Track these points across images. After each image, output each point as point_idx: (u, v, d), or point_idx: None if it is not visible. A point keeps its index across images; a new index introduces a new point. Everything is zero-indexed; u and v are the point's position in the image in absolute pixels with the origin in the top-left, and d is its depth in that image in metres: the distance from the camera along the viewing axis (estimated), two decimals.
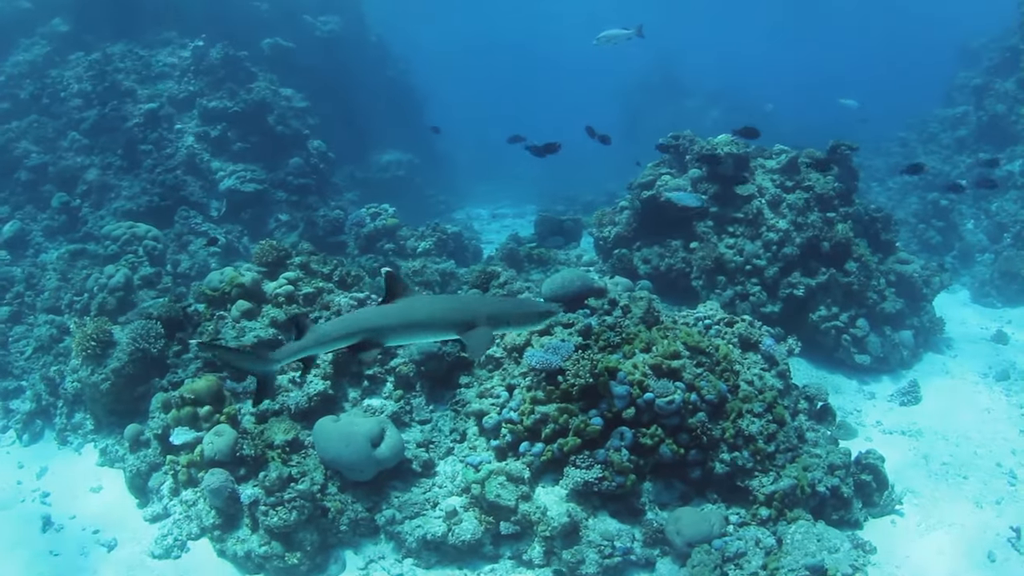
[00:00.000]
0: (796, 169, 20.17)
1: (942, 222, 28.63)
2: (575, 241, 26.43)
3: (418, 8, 75.02)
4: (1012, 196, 28.63)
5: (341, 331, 8.50)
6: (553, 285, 14.61)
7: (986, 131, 32.17)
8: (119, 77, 29.93)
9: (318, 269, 16.08)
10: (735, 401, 12.05)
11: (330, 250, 25.13)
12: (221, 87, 29.98)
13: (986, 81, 33.45)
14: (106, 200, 26.93)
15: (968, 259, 27.65)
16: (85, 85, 29.59)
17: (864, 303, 19.28)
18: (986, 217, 29.14)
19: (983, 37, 39.29)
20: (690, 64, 60.46)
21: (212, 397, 13.10)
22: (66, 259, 22.53)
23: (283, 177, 28.89)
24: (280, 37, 35.48)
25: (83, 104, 29.26)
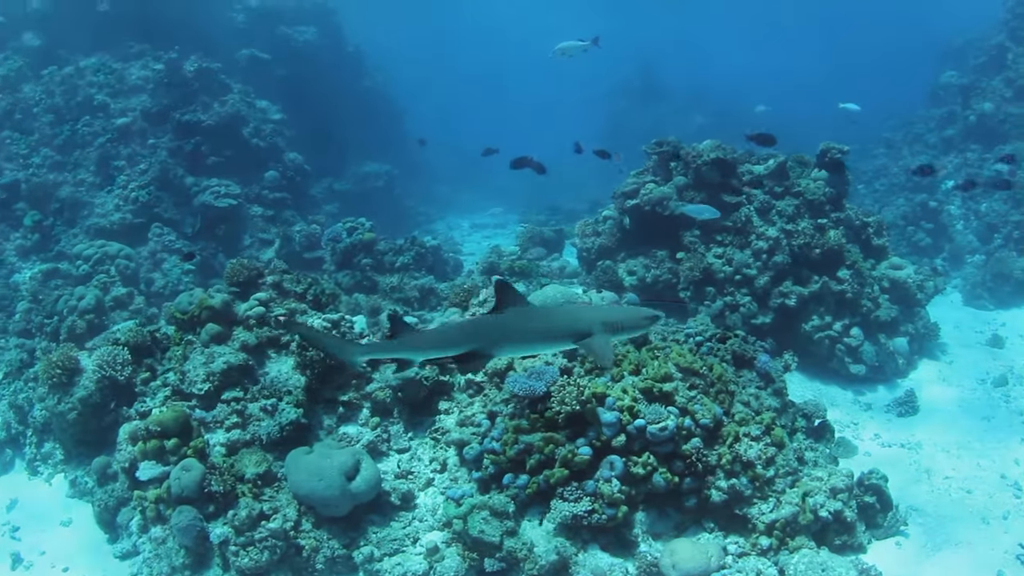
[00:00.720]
0: (785, 174, 19.43)
1: (931, 224, 28.05)
2: (558, 252, 25.78)
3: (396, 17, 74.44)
4: (1001, 196, 27.91)
5: (446, 339, 8.44)
6: (536, 302, 13.75)
7: (973, 130, 31.54)
8: (92, 91, 29.44)
9: (291, 288, 15.26)
10: (731, 425, 11.28)
11: (307, 266, 24.73)
12: (195, 100, 29.40)
13: (972, 80, 32.92)
14: (79, 218, 26.40)
15: (958, 261, 27.13)
16: (57, 100, 29.12)
17: (858, 311, 18.64)
18: (975, 218, 28.55)
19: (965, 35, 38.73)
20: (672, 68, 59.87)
21: (179, 429, 12.29)
22: (39, 279, 22.19)
23: (258, 191, 28.25)
24: (256, 48, 34.94)
25: (55, 120, 28.79)
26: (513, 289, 8.38)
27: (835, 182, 19.59)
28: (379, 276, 22.89)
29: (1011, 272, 24.36)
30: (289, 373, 13.25)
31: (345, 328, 14.30)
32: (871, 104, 36.32)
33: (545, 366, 11.55)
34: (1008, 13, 33.14)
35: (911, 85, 41.22)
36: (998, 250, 26.25)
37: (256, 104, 31.76)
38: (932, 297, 20.51)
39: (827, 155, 19.61)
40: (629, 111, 54.85)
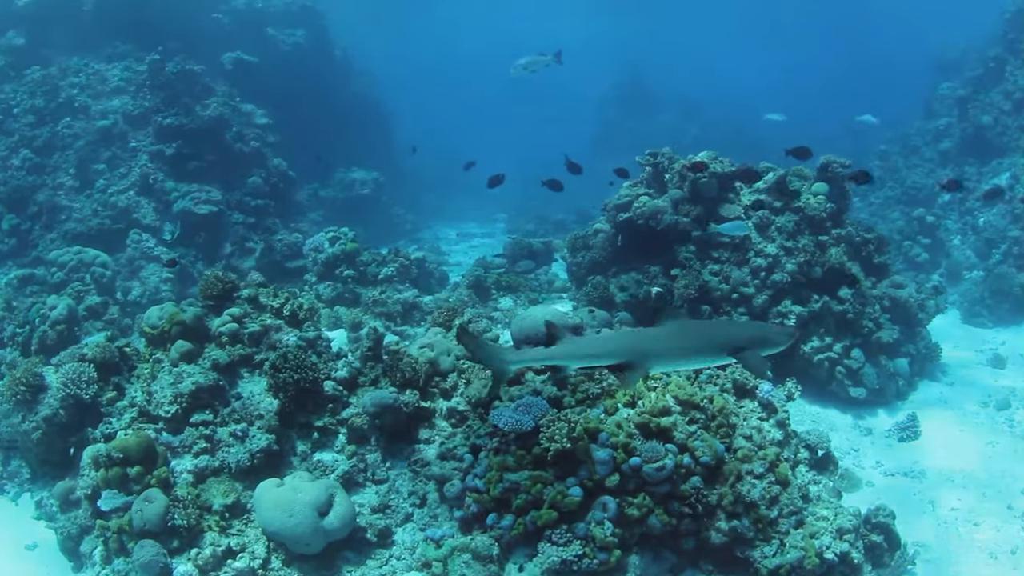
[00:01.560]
0: (784, 189, 18.55)
1: (928, 239, 27.31)
2: (546, 265, 24.92)
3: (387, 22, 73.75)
4: (999, 211, 27.22)
5: (603, 349, 8.33)
6: (522, 326, 12.82)
7: (971, 143, 30.75)
8: (73, 92, 28.65)
9: (267, 303, 14.40)
10: (733, 462, 10.39)
11: (288, 276, 24.04)
12: (177, 103, 28.42)
13: (970, 92, 32.02)
14: (56, 222, 25.52)
15: (956, 277, 26.48)
16: (38, 101, 28.24)
17: (859, 332, 17.74)
18: (973, 233, 27.83)
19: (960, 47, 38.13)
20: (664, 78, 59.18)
21: (143, 456, 11.37)
22: (14, 286, 21.54)
23: (240, 198, 27.32)
24: (242, 51, 34.03)
25: (36, 121, 27.90)
26: (671, 305, 9.28)
27: (835, 197, 18.70)
28: (362, 288, 22.02)
29: (1010, 289, 23.79)
30: (262, 395, 12.36)
31: (321, 347, 13.41)
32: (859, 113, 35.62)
33: (533, 398, 10.62)
34: (1006, 25, 32.35)
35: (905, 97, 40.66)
36: (997, 266, 25.56)
37: (241, 108, 30.89)
38: (934, 317, 19.85)
39: (828, 169, 18.69)
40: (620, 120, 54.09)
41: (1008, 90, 30.47)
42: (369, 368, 12.80)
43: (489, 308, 20.32)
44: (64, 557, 12.44)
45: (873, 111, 31.57)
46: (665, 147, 19.96)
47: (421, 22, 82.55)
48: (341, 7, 45.09)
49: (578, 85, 63.09)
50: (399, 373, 12.00)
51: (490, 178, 19.88)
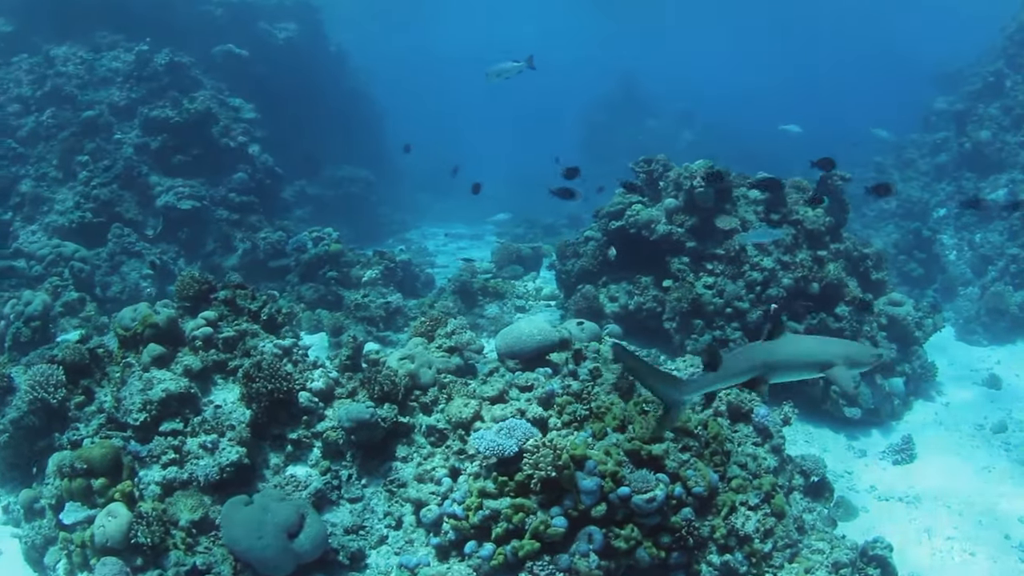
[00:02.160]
0: (782, 201, 17.93)
1: (924, 253, 26.75)
2: (535, 271, 24.33)
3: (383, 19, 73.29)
4: (997, 227, 26.74)
5: (745, 366, 8.38)
6: (507, 340, 12.20)
7: (968, 158, 30.19)
8: (60, 82, 27.92)
9: (245, 306, 13.72)
10: (727, 493, 9.79)
11: (272, 275, 23.53)
12: (164, 95, 27.86)
13: (968, 106, 31.49)
14: (39, 214, 24.84)
15: (951, 293, 26.01)
16: (24, 90, 27.67)
17: None
18: (969, 248, 27.34)
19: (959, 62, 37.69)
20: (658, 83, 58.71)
21: (108, 467, 10.70)
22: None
23: (224, 194, 26.64)
24: (234, 44, 33.43)
25: (21, 110, 27.29)
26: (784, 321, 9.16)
27: (834, 210, 18.10)
28: (345, 290, 21.44)
29: (1007, 307, 23.36)
30: (235, 404, 11.70)
31: (297, 356, 12.75)
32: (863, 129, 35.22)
33: (516, 420, 9.98)
34: (1007, 40, 31.94)
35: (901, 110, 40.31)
36: (993, 283, 25.10)
37: (229, 102, 30.26)
38: (931, 335, 19.24)
39: (828, 181, 18.10)
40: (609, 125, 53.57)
41: (1008, 105, 30.01)
42: (347, 379, 12.19)
43: (475, 315, 19.73)
44: (28, 567, 11.75)
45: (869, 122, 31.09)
46: (660, 154, 19.38)
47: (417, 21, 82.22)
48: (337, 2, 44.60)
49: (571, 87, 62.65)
50: (377, 386, 11.35)
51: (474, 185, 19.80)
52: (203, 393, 12.00)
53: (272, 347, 12.60)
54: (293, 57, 37.18)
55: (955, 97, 33.73)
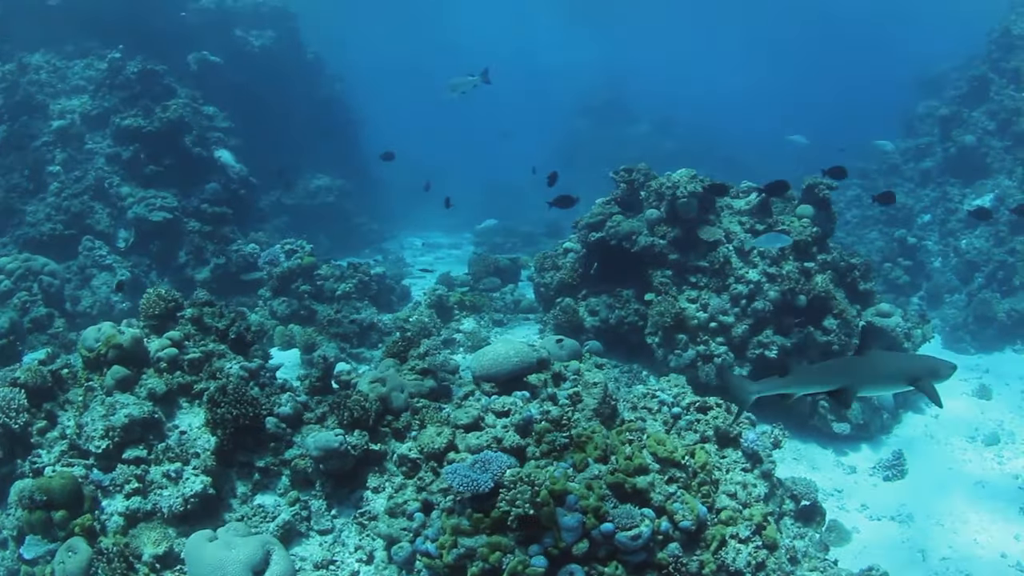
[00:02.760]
0: (768, 211, 17.35)
1: (909, 260, 26.35)
2: (513, 283, 23.70)
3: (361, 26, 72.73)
4: (983, 232, 26.33)
5: (825, 379, 9.27)
6: (483, 362, 11.56)
7: (953, 163, 29.70)
8: (32, 90, 27.22)
9: (212, 324, 13.13)
10: (716, 527, 9.18)
11: (244, 288, 23.07)
12: (136, 104, 27.02)
13: (953, 111, 30.96)
14: (9, 227, 24.24)
15: (937, 300, 25.70)
16: None
17: None
18: (955, 255, 26.88)
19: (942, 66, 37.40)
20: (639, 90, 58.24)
21: (68, 499, 10.08)
22: None
23: (197, 204, 25.89)
24: (209, 51, 32.80)
25: None
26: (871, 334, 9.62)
27: (821, 220, 17.51)
28: (319, 305, 20.81)
29: (995, 315, 23.10)
30: (200, 430, 11.08)
31: (264, 379, 12.14)
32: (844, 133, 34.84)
33: (491, 453, 9.33)
34: (992, 44, 31.44)
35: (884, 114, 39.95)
36: (980, 290, 24.81)
37: (203, 110, 29.61)
38: (920, 347, 18.63)
39: (814, 190, 17.52)
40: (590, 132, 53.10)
41: (993, 110, 29.52)
42: (316, 403, 11.59)
43: (451, 329, 19.15)
44: None
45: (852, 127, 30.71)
46: (641, 163, 18.76)
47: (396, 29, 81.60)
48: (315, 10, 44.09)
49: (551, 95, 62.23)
50: (347, 412, 10.75)
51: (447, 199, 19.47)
52: (168, 417, 11.41)
53: (239, 369, 12.00)
54: (269, 65, 36.52)
55: (939, 101, 33.21)
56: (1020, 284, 24.36)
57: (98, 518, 10.16)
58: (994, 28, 31.95)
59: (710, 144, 47.56)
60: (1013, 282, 24.51)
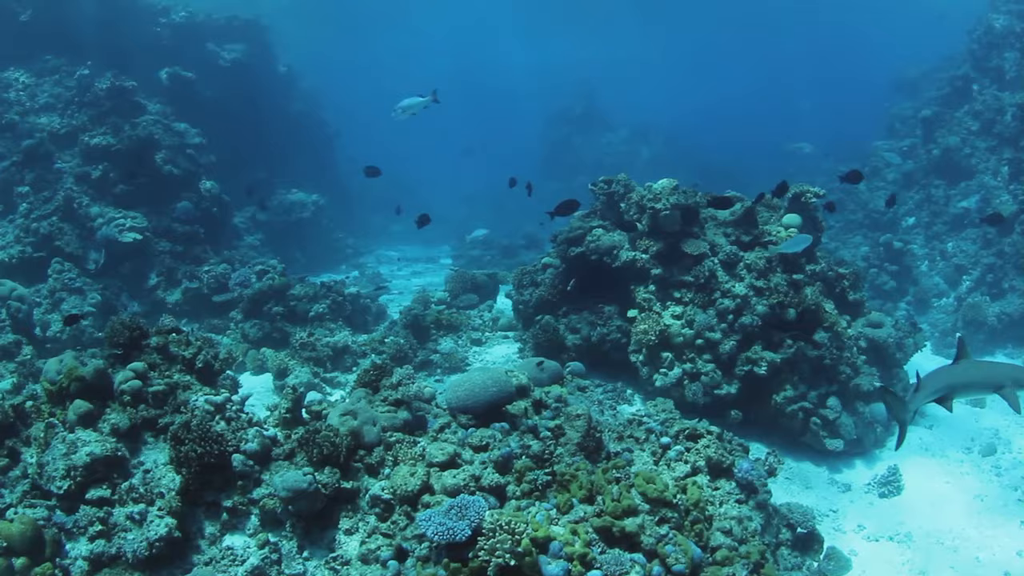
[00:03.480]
0: (753, 221, 16.66)
1: (896, 265, 25.78)
2: (491, 299, 23.01)
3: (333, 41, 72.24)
4: (970, 235, 25.78)
5: (940, 386, 9.46)
6: (459, 393, 10.85)
7: (937, 164, 29.16)
8: (1, 109, 26.64)
9: (178, 353, 12.45)
10: (711, 567, 8.51)
11: (216, 311, 22.38)
12: (105, 121, 26.40)
13: (936, 112, 30.46)
14: None
15: (924, 305, 25.17)
16: None
17: (835, 379, 15.86)
18: (941, 258, 26.42)
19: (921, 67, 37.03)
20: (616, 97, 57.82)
21: (28, 545, 9.40)
22: None
23: (168, 224, 25.18)
24: (181, 66, 32.21)
25: None
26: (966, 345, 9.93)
27: (808, 228, 16.85)
28: (291, 326, 20.08)
29: (984, 319, 22.73)
30: (165, 467, 10.39)
31: (231, 413, 11.42)
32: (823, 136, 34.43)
33: (468, 498, 8.64)
34: (974, 43, 30.92)
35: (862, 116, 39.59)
36: (969, 294, 24.33)
37: (174, 127, 28.89)
38: (912, 356, 18.15)
39: (801, 199, 16.87)
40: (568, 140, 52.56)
41: (976, 110, 29.01)
42: (285, 437, 10.90)
43: (428, 350, 18.45)
44: None
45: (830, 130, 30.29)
46: (621, 174, 18.05)
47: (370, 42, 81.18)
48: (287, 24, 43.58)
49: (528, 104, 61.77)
50: (316, 448, 10.06)
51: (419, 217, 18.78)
52: (132, 454, 10.73)
53: (204, 403, 11.31)
54: (242, 79, 35.94)
55: (921, 102, 32.89)
56: (1010, 287, 23.82)
57: (61, 564, 9.54)
58: (975, 26, 31.49)
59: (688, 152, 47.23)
60: (1002, 285, 23.98)
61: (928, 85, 33.91)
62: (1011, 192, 26.01)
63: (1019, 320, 22.77)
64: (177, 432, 10.15)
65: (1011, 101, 27.84)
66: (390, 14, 74.47)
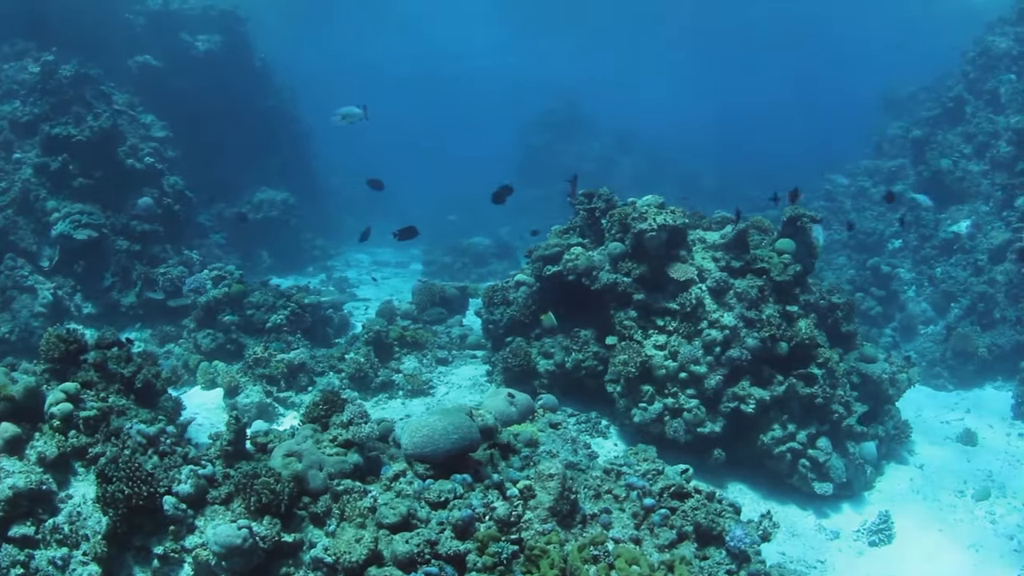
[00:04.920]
0: (744, 246, 15.29)
1: (882, 291, 24.70)
2: (460, 313, 21.66)
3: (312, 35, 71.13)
4: (959, 261, 24.81)
5: None
6: (416, 439, 9.44)
7: (927, 187, 28.04)
8: None
9: (117, 371, 11.18)
10: None
11: (171, 316, 21.25)
12: (68, 111, 24.86)
13: (927, 133, 29.37)
14: None
15: (911, 332, 24.26)
16: None
17: (827, 418, 14.59)
18: (929, 284, 25.32)
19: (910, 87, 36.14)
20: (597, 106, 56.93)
21: None
22: None
23: (126, 221, 23.74)
24: (152, 55, 31.13)
25: None
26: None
27: (801, 254, 15.48)
28: (248, 338, 18.74)
29: (975, 350, 21.77)
30: (92, 507, 9.08)
31: (165, 447, 10.07)
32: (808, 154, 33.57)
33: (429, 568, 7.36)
34: (968, 65, 29.87)
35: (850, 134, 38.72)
36: (958, 322, 23.29)
37: (140, 119, 27.58)
38: (904, 392, 16.97)
39: (797, 222, 15.47)
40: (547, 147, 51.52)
41: (970, 132, 27.90)
42: (224, 476, 9.60)
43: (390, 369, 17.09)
44: None
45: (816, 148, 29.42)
46: (603, 187, 16.59)
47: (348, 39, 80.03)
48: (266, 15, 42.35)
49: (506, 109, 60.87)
50: (254, 496, 8.78)
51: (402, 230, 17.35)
52: (61, 485, 9.50)
53: (136, 434, 9.98)
54: (215, 70, 34.60)
55: (910, 122, 31.84)
56: (1001, 317, 22.75)
57: None
58: (969, 48, 30.60)
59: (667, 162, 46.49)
60: (993, 315, 22.90)
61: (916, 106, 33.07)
62: (1003, 219, 24.94)
63: (1010, 352, 21.80)
64: (104, 469, 8.97)
65: (1006, 125, 26.77)
66: (372, 9, 73.55)
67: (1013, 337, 22.05)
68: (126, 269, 22.68)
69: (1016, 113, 26.84)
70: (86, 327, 21.31)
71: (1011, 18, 29.88)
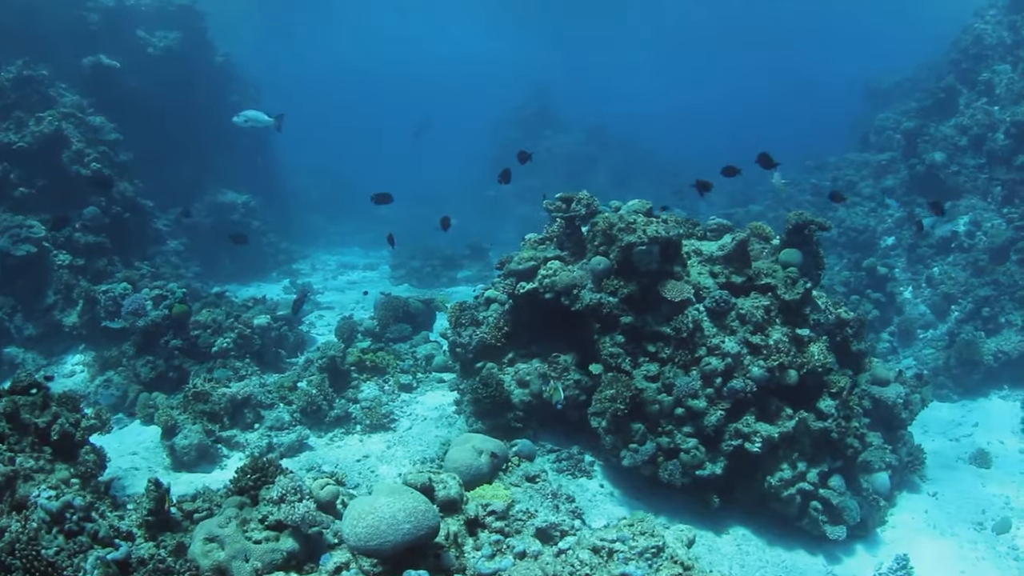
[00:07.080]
0: (746, 258, 13.24)
1: (879, 293, 22.97)
2: (427, 329, 19.67)
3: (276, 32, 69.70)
4: (957, 260, 23.37)
5: None
6: (358, 528, 7.13)
7: (920, 182, 26.45)
8: None
9: (30, 420, 9.56)
10: None
11: (114, 338, 18.79)
12: (9, 116, 23.04)
13: (919, 124, 27.69)
14: None
15: (909, 336, 22.75)
16: None
17: (840, 454, 12.64)
18: (927, 285, 23.74)
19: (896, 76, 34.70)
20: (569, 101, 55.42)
21: None
22: None
23: (69, 233, 21.68)
24: (106, 54, 29.12)
25: None
26: None
27: (808, 266, 13.42)
28: (193, 363, 16.72)
29: (980, 358, 20.22)
30: None
31: (72, 524, 8.12)
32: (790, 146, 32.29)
33: None
34: (960, 54, 28.18)
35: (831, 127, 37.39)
36: (960, 327, 21.85)
37: (89, 121, 25.44)
38: (918, 414, 15.40)
39: (804, 231, 13.33)
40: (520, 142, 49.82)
41: (964, 124, 26.19)
42: (140, 560, 7.74)
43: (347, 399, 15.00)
44: None
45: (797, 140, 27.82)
46: (582, 191, 14.38)
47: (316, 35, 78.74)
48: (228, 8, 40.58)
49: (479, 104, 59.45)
50: None
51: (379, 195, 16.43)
52: None
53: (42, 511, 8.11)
54: (173, 69, 32.73)
55: (899, 113, 30.27)
56: (1006, 321, 21.15)
57: None
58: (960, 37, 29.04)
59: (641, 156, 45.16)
60: (998, 319, 21.27)
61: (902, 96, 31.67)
62: (1004, 216, 23.23)
63: (1017, 359, 20.28)
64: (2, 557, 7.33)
65: (1004, 117, 25.05)
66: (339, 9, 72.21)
67: (1020, 344, 20.53)
68: (68, 286, 20.65)
69: (1012, 104, 25.17)
70: (27, 350, 19.80)
71: (1002, 2, 28.25)
